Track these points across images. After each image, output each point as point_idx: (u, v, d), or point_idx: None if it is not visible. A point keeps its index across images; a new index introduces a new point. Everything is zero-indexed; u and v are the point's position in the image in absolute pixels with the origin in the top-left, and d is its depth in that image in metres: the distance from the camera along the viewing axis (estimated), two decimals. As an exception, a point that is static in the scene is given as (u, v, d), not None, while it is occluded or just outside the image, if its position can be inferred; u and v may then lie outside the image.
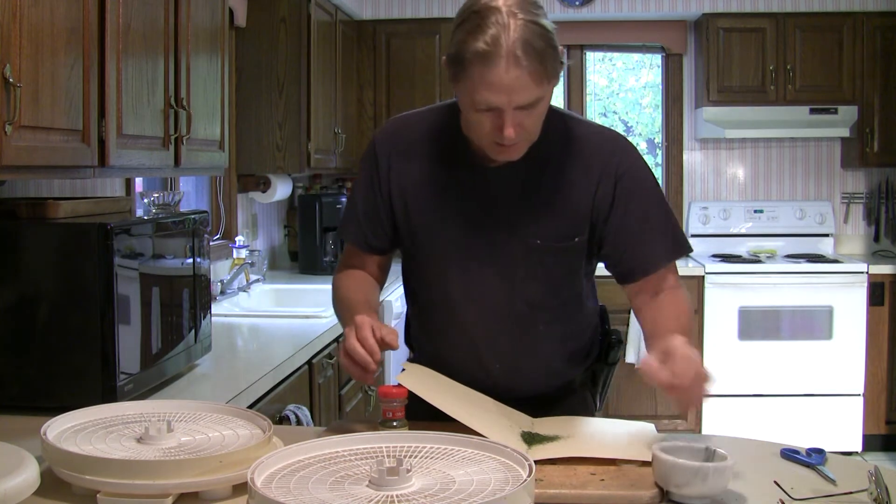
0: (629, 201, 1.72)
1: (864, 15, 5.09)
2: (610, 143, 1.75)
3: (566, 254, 1.74)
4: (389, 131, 1.83)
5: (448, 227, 1.75)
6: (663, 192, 1.82)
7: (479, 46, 1.51)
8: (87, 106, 2.02)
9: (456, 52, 1.56)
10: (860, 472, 1.48)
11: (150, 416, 1.55)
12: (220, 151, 2.89)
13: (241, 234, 4.23)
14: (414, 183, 1.77)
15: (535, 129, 1.63)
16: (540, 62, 1.51)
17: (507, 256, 1.73)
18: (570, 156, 1.72)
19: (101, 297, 1.94)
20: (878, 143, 5.10)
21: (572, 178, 1.71)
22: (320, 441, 1.39)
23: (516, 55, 1.49)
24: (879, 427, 4.91)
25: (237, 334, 3.17)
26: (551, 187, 1.71)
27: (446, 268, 1.77)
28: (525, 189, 1.71)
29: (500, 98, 1.53)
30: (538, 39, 1.51)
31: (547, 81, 1.55)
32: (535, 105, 1.56)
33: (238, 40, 4.11)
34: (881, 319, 4.89)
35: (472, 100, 1.56)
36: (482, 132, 1.60)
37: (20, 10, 1.73)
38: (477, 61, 1.51)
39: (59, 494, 1.34)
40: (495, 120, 1.56)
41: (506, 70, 1.50)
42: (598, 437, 1.62)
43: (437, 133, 1.77)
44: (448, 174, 1.75)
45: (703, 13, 5.22)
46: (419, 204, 1.77)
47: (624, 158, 1.73)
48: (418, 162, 1.77)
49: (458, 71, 1.56)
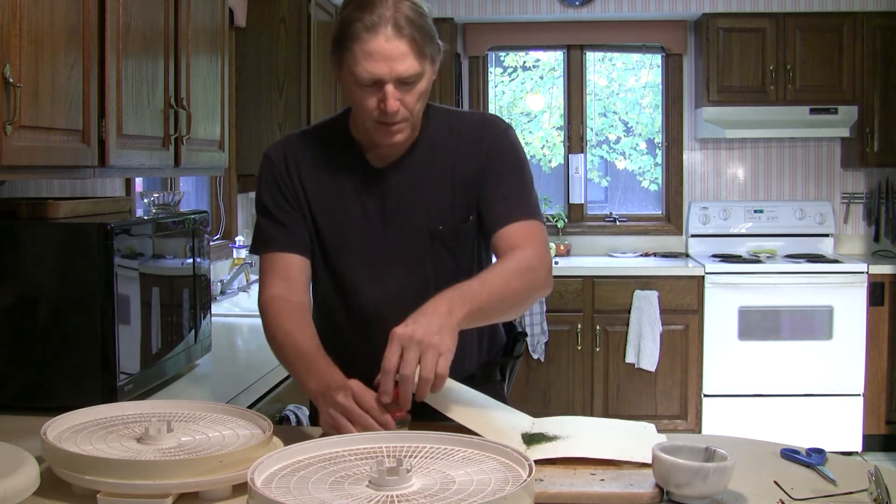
0: (494, 168, 1.80)
1: (864, 15, 5.09)
2: (481, 122, 1.85)
3: (467, 235, 1.82)
4: (281, 147, 1.87)
5: (353, 231, 1.80)
6: (526, 165, 1.86)
7: (362, 20, 1.62)
8: (87, 106, 2.02)
9: (339, 31, 1.66)
10: (860, 472, 1.48)
11: (149, 416, 1.55)
12: (220, 151, 2.89)
13: (241, 234, 4.23)
14: (315, 194, 1.81)
15: (416, 109, 1.70)
16: (420, 36, 1.63)
17: (414, 249, 1.79)
18: (454, 143, 1.81)
19: (101, 297, 1.94)
20: (878, 143, 5.11)
21: (456, 162, 1.80)
22: (320, 441, 1.39)
23: (397, 25, 1.61)
24: (879, 427, 4.91)
25: (237, 334, 3.17)
26: (441, 174, 1.80)
27: (356, 272, 1.81)
28: (418, 180, 1.79)
29: (381, 67, 1.62)
30: (418, 18, 1.64)
31: (427, 59, 1.66)
32: (415, 82, 1.66)
33: (238, 40, 4.11)
34: (881, 319, 4.89)
35: (355, 74, 1.64)
36: (367, 111, 1.67)
37: (20, 10, 1.73)
38: (359, 34, 1.62)
39: (59, 494, 1.34)
40: (379, 95, 1.64)
41: (387, 40, 1.61)
42: (597, 437, 1.62)
43: (328, 144, 1.85)
44: (345, 180, 1.81)
45: (703, 13, 5.22)
46: (323, 214, 1.81)
47: (490, 131, 1.82)
48: (316, 173, 1.82)
49: (342, 49, 1.65)
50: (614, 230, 5.60)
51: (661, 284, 4.95)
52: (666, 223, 5.61)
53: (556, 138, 5.77)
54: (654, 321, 4.89)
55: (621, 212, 5.69)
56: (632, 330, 4.93)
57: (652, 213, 5.69)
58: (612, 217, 5.64)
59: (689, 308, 4.95)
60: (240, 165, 4.23)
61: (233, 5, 3.75)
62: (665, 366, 4.96)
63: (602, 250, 5.56)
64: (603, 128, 5.84)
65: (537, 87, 5.89)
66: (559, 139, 5.74)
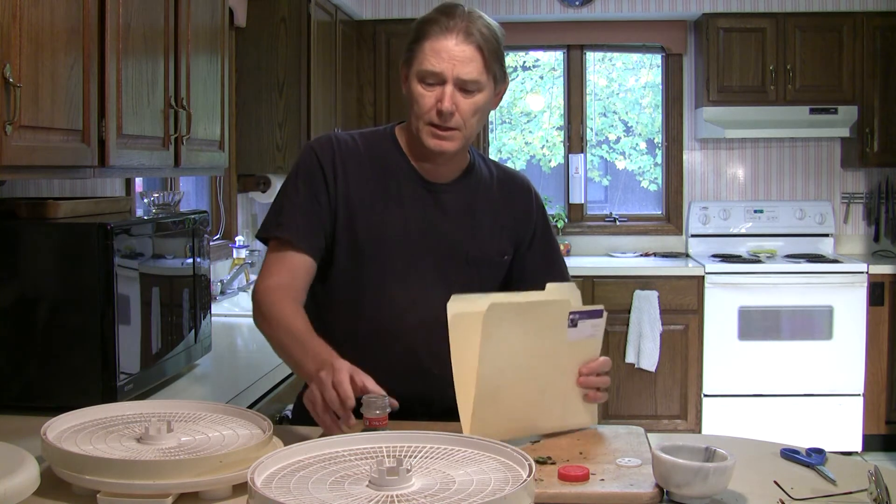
0: (543, 234, 1.97)
1: (864, 15, 5.09)
2: (527, 184, 1.99)
3: (498, 269, 1.92)
4: (329, 142, 1.84)
5: (390, 239, 1.80)
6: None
7: (438, 22, 1.72)
8: (87, 106, 2.02)
9: (415, 31, 1.75)
10: (860, 472, 1.48)
11: (149, 416, 1.55)
12: (220, 151, 2.89)
13: (241, 234, 4.23)
14: (360, 195, 1.80)
15: (470, 121, 1.75)
16: (488, 50, 1.72)
17: (447, 268, 1.83)
18: (498, 187, 1.92)
19: (101, 297, 1.94)
20: (878, 143, 5.11)
21: (501, 206, 1.91)
22: (320, 441, 1.39)
23: (469, 33, 1.71)
24: (879, 427, 4.91)
25: (237, 334, 3.17)
26: (486, 210, 1.88)
27: (389, 279, 1.80)
28: (467, 208, 1.86)
29: (445, 64, 1.70)
30: (491, 35, 1.74)
31: (491, 75, 1.75)
32: (474, 91, 1.73)
33: (238, 40, 4.11)
34: (881, 319, 4.89)
35: (420, 69, 1.72)
36: (423, 110, 1.73)
37: (20, 10, 1.73)
38: (433, 33, 1.72)
39: (59, 494, 1.34)
40: (437, 93, 1.72)
41: (455, 43, 1.71)
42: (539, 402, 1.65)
43: (378, 150, 1.86)
44: (392, 189, 1.82)
45: (703, 13, 5.22)
46: (366, 217, 1.80)
47: (538, 199, 1.98)
48: (363, 175, 1.82)
49: (413, 47, 1.74)
50: (614, 230, 5.60)
51: (661, 284, 4.95)
52: (666, 223, 5.61)
53: (556, 138, 5.77)
54: (654, 321, 4.90)
55: (621, 212, 5.69)
56: (632, 330, 4.93)
57: (652, 213, 5.69)
58: (611, 217, 5.64)
59: (689, 308, 4.95)
60: (240, 165, 4.23)
61: (233, 5, 3.76)
62: (665, 366, 4.97)
63: (602, 250, 5.56)
64: (603, 128, 5.84)
65: (537, 87, 5.89)
66: (559, 139, 5.74)
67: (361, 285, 1.82)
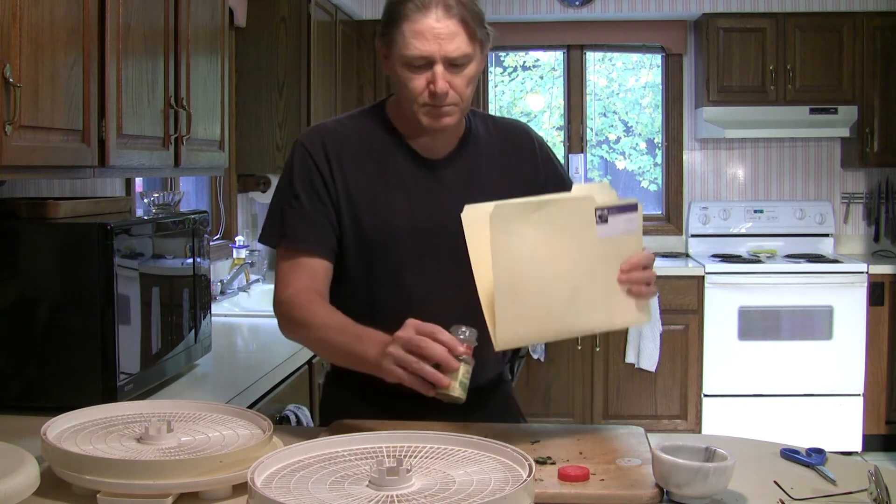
0: (553, 175, 1.90)
1: (864, 15, 5.09)
2: (526, 131, 1.92)
3: None
4: (319, 137, 1.79)
5: (397, 222, 1.75)
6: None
7: (412, 2, 1.63)
8: (87, 106, 2.01)
9: (389, 13, 1.67)
10: (860, 472, 1.48)
11: (149, 416, 1.55)
12: (220, 151, 2.89)
13: (240, 234, 4.23)
14: (360, 187, 1.75)
15: (465, 93, 1.69)
16: (471, 18, 1.65)
17: (460, 247, 1.71)
18: (499, 144, 1.85)
19: (101, 297, 1.94)
20: (878, 143, 5.11)
21: (506, 161, 1.84)
22: (320, 441, 1.39)
23: (447, 5, 1.63)
24: (879, 427, 4.91)
25: (237, 334, 3.18)
26: (493, 175, 1.82)
27: (402, 264, 1.76)
28: (474, 176, 1.80)
29: (431, 45, 1.63)
30: (469, 1, 1.66)
31: (477, 42, 1.67)
32: (465, 64, 1.66)
33: (238, 40, 4.11)
34: (881, 319, 4.89)
35: (405, 54, 1.65)
36: (415, 94, 1.67)
37: (20, 10, 1.73)
38: (409, 13, 1.63)
39: (59, 494, 1.34)
40: (427, 76, 1.65)
41: (437, 19, 1.63)
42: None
43: (371, 133, 1.79)
44: (391, 171, 1.77)
45: (703, 13, 5.22)
46: (370, 210, 1.75)
47: (540, 142, 1.92)
48: (359, 164, 1.76)
49: (391, 30, 1.66)
50: (614, 230, 5.59)
51: (660, 284, 4.91)
52: (666, 223, 5.61)
53: (556, 138, 5.77)
54: (654, 321, 4.89)
55: (621, 212, 5.68)
56: (632, 330, 4.92)
57: (652, 213, 5.69)
58: (612, 217, 5.63)
59: (689, 308, 4.95)
60: (240, 165, 4.23)
61: (233, 5, 3.76)
62: (665, 366, 4.97)
63: (602, 250, 5.55)
64: (603, 128, 5.84)
65: (537, 87, 5.89)
66: (559, 139, 5.74)
67: (375, 278, 1.78)
